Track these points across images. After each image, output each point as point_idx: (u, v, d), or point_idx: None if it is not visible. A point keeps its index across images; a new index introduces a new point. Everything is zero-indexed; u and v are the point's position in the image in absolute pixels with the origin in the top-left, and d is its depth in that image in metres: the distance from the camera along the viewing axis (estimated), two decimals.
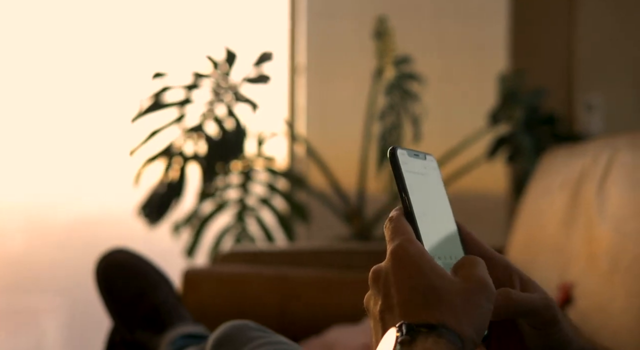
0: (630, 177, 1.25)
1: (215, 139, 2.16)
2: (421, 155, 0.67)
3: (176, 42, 2.80)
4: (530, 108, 2.23)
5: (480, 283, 0.57)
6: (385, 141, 2.24)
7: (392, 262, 0.58)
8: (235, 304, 1.56)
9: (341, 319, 1.52)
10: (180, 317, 1.24)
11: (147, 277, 1.29)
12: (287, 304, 1.56)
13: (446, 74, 2.64)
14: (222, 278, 1.60)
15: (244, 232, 2.40)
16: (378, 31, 2.34)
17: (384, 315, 0.57)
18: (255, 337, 0.84)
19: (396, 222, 0.61)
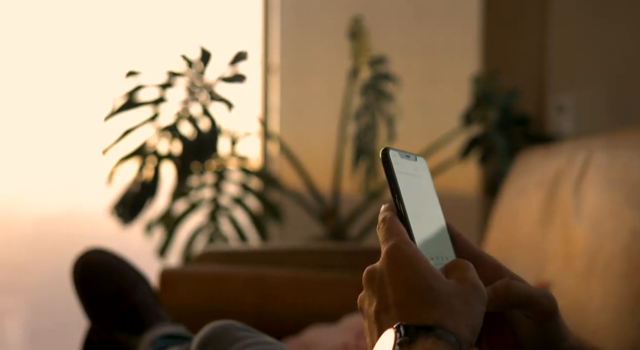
0: (606, 178, 1.27)
1: (190, 139, 2.15)
2: (412, 156, 0.67)
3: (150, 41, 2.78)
4: (504, 109, 2.25)
5: (475, 285, 0.57)
6: (360, 141, 2.24)
7: (388, 263, 0.58)
8: (212, 304, 1.55)
9: (318, 319, 1.52)
10: (159, 317, 1.23)
11: (125, 277, 1.27)
12: (264, 303, 1.55)
13: (420, 75, 2.65)
14: (198, 278, 1.59)
15: (217, 231, 2.39)
16: (353, 31, 2.34)
17: (380, 315, 0.57)
18: (241, 337, 0.84)
19: (389, 223, 0.61)
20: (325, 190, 2.46)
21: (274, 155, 2.90)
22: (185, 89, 2.21)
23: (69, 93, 2.79)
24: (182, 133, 2.18)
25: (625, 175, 1.24)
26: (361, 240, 2.39)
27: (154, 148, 2.19)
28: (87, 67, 2.77)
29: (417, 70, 2.63)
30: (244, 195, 2.38)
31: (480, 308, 0.57)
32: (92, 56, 2.78)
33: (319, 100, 2.84)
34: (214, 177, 2.36)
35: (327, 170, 2.50)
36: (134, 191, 2.18)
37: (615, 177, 1.26)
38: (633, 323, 1.11)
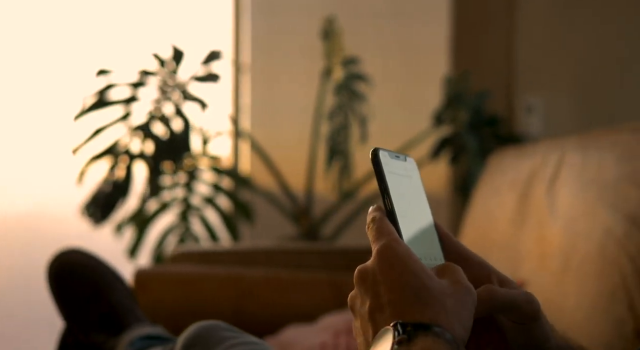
0: (580, 178, 1.30)
1: (163, 138, 2.14)
2: (402, 157, 0.68)
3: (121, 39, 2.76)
4: (475, 110, 2.28)
5: (466, 287, 0.58)
6: (333, 141, 2.25)
7: (380, 262, 0.58)
8: (188, 305, 1.55)
9: (295, 318, 1.52)
10: (137, 318, 1.22)
11: (102, 277, 1.26)
12: (241, 303, 1.55)
13: (392, 75, 2.67)
14: (174, 278, 1.59)
15: (188, 231, 2.38)
16: (326, 31, 2.35)
17: (374, 314, 0.57)
18: (227, 337, 0.84)
19: (379, 222, 0.62)
20: (298, 190, 2.47)
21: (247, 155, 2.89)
22: (158, 88, 2.20)
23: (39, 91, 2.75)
24: (155, 132, 2.17)
25: (598, 175, 1.26)
26: (334, 240, 2.39)
27: (125, 147, 2.17)
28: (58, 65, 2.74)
29: (388, 70, 2.64)
30: (215, 195, 2.38)
31: (472, 309, 0.58)
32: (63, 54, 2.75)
33: (291, 100, 2.84)
34: (185, 177, 2.35)
35: (300, 170, 2.50)
36: (105, 191, 2.16)
37: (588, 177, 1.28)
38: (607, 321, 1.13)
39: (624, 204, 1.18)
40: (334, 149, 2.26)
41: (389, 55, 2.70)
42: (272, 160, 2.43)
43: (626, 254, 1.15)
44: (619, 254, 1.16)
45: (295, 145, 2.64)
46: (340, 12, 2.49)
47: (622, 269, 1.14)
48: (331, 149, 2.27)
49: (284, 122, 2.80)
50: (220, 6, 3.03)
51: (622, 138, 1.27)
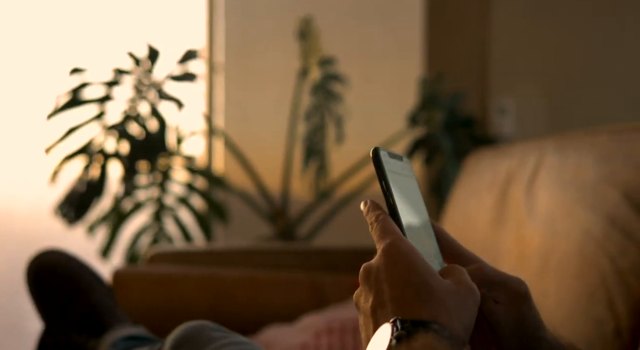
0: (559, 179, 1.31)
1: (138, 137, 2.13)
2: (398, 156, 0.69)
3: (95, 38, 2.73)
4: (449, 111, 2.30)
5: (470, 288, 0.59)
6: (310, 141, 2.25)
7: (385, 259, 0.59)
8: (166, 305, 1.54)
9: (273, 318, 1.52)
10: (118, 319, 1.21)
11: (81, 278, 1.25)
12: (219, 304, 1.55)
13: (368, 76, 2.68)
14: (152, 279, 1.58)
15: (162, 232, 2.37)
16: (302, 31, 2.35)
17: (376, 311, 0.58)
18: (216, 337, 0.84)
19: (383, 222, 0.63)
20: (274, 190, 2.46)
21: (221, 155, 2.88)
22: (133, 87, 2.18)
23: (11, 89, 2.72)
24: (130, 132, 2.15)
25: (577, 176, 1.28)
26: (310, 240, 2.40)
27: (100, 147, 2.15)
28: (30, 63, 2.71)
29: (364, 71, 2.65)
30: (189, 194, 2.37)
31: (474, 309, 0.58)
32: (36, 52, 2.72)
33: (266, 100, 2.84)
34: (159, 177, 2.33)
35: (276, 170, 2.50)
36: (79, 190, 2.14)
37: (567, 178, 1.30)
38: (587, 321, 1.15)
39: (603, 204, 1.20)
40: (311, 149, 2.26)
41: (365, 56, 2.71)
42: (247, 159, 2.43)
43: (606, 254, 1.16)
44: (599, 254, 1.17)
45: (271, 145, 2.64)
46: (315, 13, 2.50)
47: (601, 269, 1.16)
48: (308, 149, 2.27)
49: (259, 122, 2.80)
50: (194, 5, 3.02)
51: (600, 139, 1.29)
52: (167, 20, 2.92)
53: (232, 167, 2.66)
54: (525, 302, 0.64)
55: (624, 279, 1.13)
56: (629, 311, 1.12)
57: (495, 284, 0.63)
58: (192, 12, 3.03)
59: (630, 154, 1.20)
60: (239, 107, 2.87)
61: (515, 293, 0.64)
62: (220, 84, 2.92)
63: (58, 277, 1.25)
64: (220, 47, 2.93)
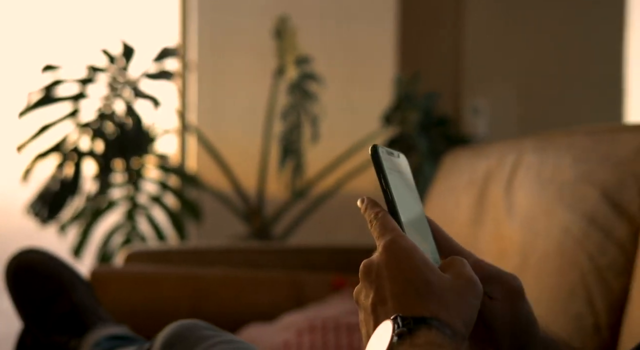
0: (538, 178, 1.33)
1: (113, 136, 2.11)
2: (395, 153, 0.69)
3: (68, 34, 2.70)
4: (425, 111, 2.31)
5: (471, 281, 0.59)
6: (287, 140, 2.25)
7: (386, 256, 0.59)
8: (145, 304, 1.53)
9: (254, 318, 1.52)
10: (101, 318, 1.20)
11: (61, 277, 1.24)
12: (199, 303, 1.54)
13: (343, 76, 2.68)
14: (130, 278, 1.56)
15: (134, 231, 2.35)
16: (278, 30, 2.35)
17: (377, 307, 0.58)
18: (208, 336, 0.83)
19: (383, 219, 0.63)
20: (249, 189, 2.46)
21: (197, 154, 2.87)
22: (107, 85, 2.16)
23: None
24: (105, 130, 2.13)
25: (556, 175, 1.30)
26: (285, 238, 2.40)
27: (74, 145, 2.13)
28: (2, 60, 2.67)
29: (339, 71, 2.66)
30: (162, 193, 2.35)
31: (475, 303, 0.59)
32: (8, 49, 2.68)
33: (241, 99, 2.83)
34: (132, 175, 2.31)
35: (251, 169, 2.49)
36: (52, 189, 2.11)
37: (545, 178, 1.32)
38: (566, 316, 1.17)
39: (582, 203, 1.22)
40: (288, 148, 2.26)
41: (340, 55, 2.72)
42: (222, 158, 2.42)
43: (585, 252, 1.18)
44: (578, 252, 1.19)
45: (246, 144, 2.63)
46: (290, 12, 2.50)
47: (581, 266, 1.18)
48: (285, 148, 2.27)
49: (234, 120, 2.79)
50: (167, 3, 3.00)
51: (578, 140, 1.31)
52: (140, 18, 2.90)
53: (206, 165, 2.65)
54: (520, 298, 0.65)
55: (603, 277, 1.16)
56: (607, 308, 1.14)
57: (491, 280, 0.64)
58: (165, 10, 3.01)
59: (608, 154, 1.22)
60: (212, 106, 2.86)
61: (510, 289, 0.64)
62: (194, 82, 2.91)
63: (39, 277, 1.23)
64: (194, 44, 2.92)
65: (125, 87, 2.17)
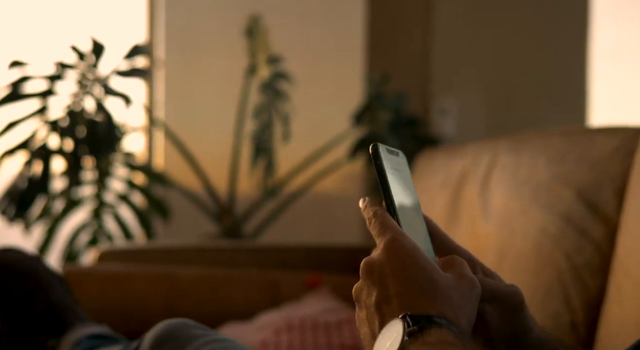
0: (513, 178, 1.35)
1: (82, 133, 2.08)
2: (394, 151, 0.69)
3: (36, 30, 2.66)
4: (395, 111, 2.33)
5: (472, 281, 0.60)
6: (258, 139, 2.25)
7: (388, 255, 0.60)
8: (120, 304, 1.52)
9: (230, 317, 1.52)
10: (79, 318, 1.19)
11: (39, 276, 1.23)
12: (174, 302, 1.54)
13: (313, 75, 2.69)
14: (104, 277, 1.55)
15: (101, 229, 2.33)
16: (250, 29, 2.34)
17: (381, 306, 0.58)
18: (198, 335, 0.83)
19: (382, 217, 0.63)
20: (219, 187, 2.45)
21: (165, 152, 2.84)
22: (76, 82, 2.14)
23: None
24: (74, 127, 2.10)
25: (532, 175, 1.32)
26: (256, 237, 2.39)
27: (42, 142, 2.10)
28: None
29: (309, 70, 2.66)
30: (130, 191, 2.33)
31: (475, 303, 0.60)
32: None
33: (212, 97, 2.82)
34: (98, 173, 2.29)
35: (221, 167, 2.49)
36: (20, 187, 2.08)
37: (521, 178, 1.34)
38: (543, 314, 1.19)
39: (558, 204, 1.24)
40: (259, 146, 2.26)
41: (310, 55, 2.72)
42: (192, 156, 2.41)
43: (561, 251, 1.21)
44: (554, 251, 1.22)
45: (216, 142, 2.62)
46: (260, 11, 2.49)
47: (557, 265, 1.20)
48: (257, 146, 2.27)
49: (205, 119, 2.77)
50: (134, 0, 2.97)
51: (553, 141, 1.33)
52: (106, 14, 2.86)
53: (175, 164, 2.63)
54: (521, 312, 0.66)
55: (579, 275, 1.18)
56: (584, 306, 1.17)
57: (494, 298, 0.65)
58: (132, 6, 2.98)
59: (583, 154, 1.25)
60: (181, 104, 2.84)
61: (513, 305, 0.65)
62: (161, 80, 2.88)
63: (16, 276, 1.22)
64: (161, 41, 2.90)
65: (95, 84, 2.14)
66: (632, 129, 1.21)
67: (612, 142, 1.21)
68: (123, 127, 2.24)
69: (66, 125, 2.10)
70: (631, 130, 1.21)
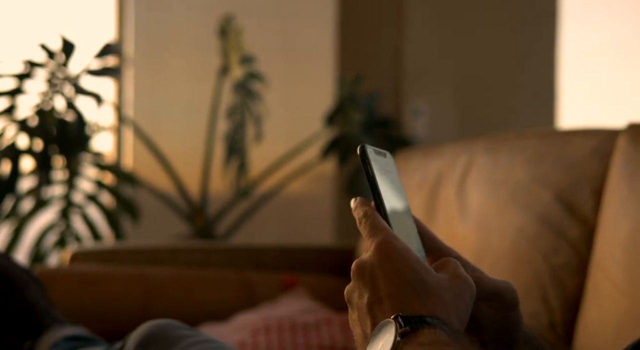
0: (490, 179, 1.36)
1: (52, 133, 2.05)
2: (382, 152, 0.69)
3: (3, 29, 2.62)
4: (368, 111, 2.33)
5: (466, 281, 0.60)
6: (231, 140, 2.23)
7: (380, 256, 0.60)
8: (95, 304, 1.50)
9: (205, 317, 1.51)
10: (56, 319, 1.17)
11: (14, 277, 1.20)
12: (149, 303, 1.52)
13: (286, 75, 2.68)
14: (79, 278, 1.53)
15: (69, 230, 2.30)
16: (223, 29, 2.33)
17: (373, 307, 0.58)
18: (184, 335, 0.83)
19: (372, 218, 0.63)
20: (191, 188, 2.43)
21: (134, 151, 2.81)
22: (46, 81, 2.10)
23: None
24: (44, 127, 2.07)
25: (509, 176, 1.33)
26: (228, 238, 2.38)
27: (11, 141, 2.07)
28: None
29: (281, 71, 2.65)
30: (98, 191, 2.30)
31: (469, 302, 0.60)
32: None
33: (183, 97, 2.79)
34: (67, 173, 2.26)
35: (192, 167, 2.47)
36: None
37: (498, 179, 1.35)
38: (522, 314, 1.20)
39: (535, 204, 1.25)
40: (232, 147, 2.24)
41: (282, 55, 2.71)
42: (163, 156, 2.39)
43: (539, 252, 1.22)
44: (532, 252, 1.23)
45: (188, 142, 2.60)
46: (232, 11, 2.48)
47: (535, 266, 1.21)
48: (230, 147, 2.25)
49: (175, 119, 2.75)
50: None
51: (530, 142, 1.35)
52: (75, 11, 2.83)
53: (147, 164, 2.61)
54: (514, 309, 0.66)
55: (557, 275, 1.19)
56: (562, 305, 1.18)
57: (491, 296, 0.65)
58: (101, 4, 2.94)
59: (560, 156, 1.26)
60: (150, 102, 2.81)
61: (508, 302, 0.66)
62: (130, 78, 2.85)
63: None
64: (130, 39, 2.86)
65: (65, 83, 2.11)
66: (608, 131, 1.22)
67: (589, 144, 1.23)
68: (94, 126, 2.21)
69: (35, 125, 2.06)
70: (607, 132, 1.22)
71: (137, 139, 2.59)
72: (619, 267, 1.05)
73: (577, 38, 2.83)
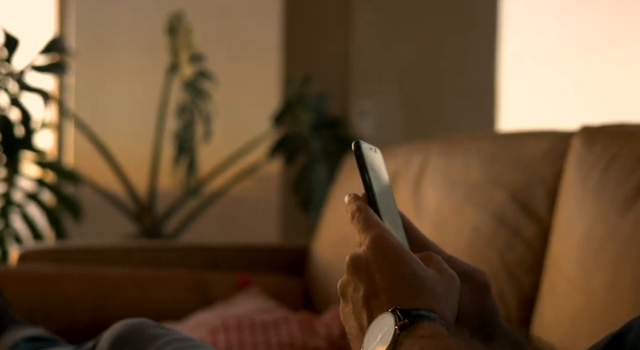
0: (446, 179, 1.39)
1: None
2: (373, 148, 0.70)
3: None
4: (317, 111, 2.34)
5: (452, 275, 0.62)
6: (181, 138, 2.22)
7: (375, 250, 0.61)
8: (46, 306, 1.47)
9: (160, 317, 1.48)
10: (13, 320, 1.15)
11: None
12: (103, 302, 1.50)
13: (234, 74, 2.66)
14: (29, 278, 1.50)
15: (8, 229, 2.24)
16: (172, 27, 2.30)
17: (369, 301, 0.60)
18: (159, 334, 0.82)
19: (365, 213, 0.64)
20: (138, 186, 2.40)
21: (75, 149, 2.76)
22: None
23: None
24: None
25: (464, 177, 1.36)
26: (177, 237, 2.36)
27: None
28: None
29: (230, 69, 2.64)
30: (39, 190, 2.25)
31: (457, 296, 0.62)
32: None
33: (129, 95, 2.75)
34: (6, 171, 2.19)
35: (140, 166, 2.44)
36: None
37: (454, 179, 1.38)
38: None
39: (491, 204, 1.29)
40: (182, 145, 2.23)
41: (229, 54, 2.70)
42: (110, 153, 2.35)
43: (495, 250, 1.25)
44: (488, 250, 1.26)
45: (133, 140, 2.56)
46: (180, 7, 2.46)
47: (491, 263, 1.24)
48: (179, 145, 2.23)
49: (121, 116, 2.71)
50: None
51: (485, 143, 1.38)
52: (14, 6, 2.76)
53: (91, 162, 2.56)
54: (488, 293, 0.68)
55: (513, 273, 1.23)
56: (518, 302, 1.22)
57: (464, 277, 0.67)
58: None
59: (515, 156, 1.30)
60: (93, 99, 2.76)
61: (480, 285, 0.68)
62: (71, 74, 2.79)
63: None
64: (72, 33, 2.81)
65: (8, 79, 2.06)
66: (560, 133, 1.26)
67: (543, 145, 1.26)
68: (39, 123, 2.16)
69: None
70: (560, 134, 1.26)
71: (79, 136, 2.54)
72: (574, 265, 1.09)
73: (517, 39, 2.90)
